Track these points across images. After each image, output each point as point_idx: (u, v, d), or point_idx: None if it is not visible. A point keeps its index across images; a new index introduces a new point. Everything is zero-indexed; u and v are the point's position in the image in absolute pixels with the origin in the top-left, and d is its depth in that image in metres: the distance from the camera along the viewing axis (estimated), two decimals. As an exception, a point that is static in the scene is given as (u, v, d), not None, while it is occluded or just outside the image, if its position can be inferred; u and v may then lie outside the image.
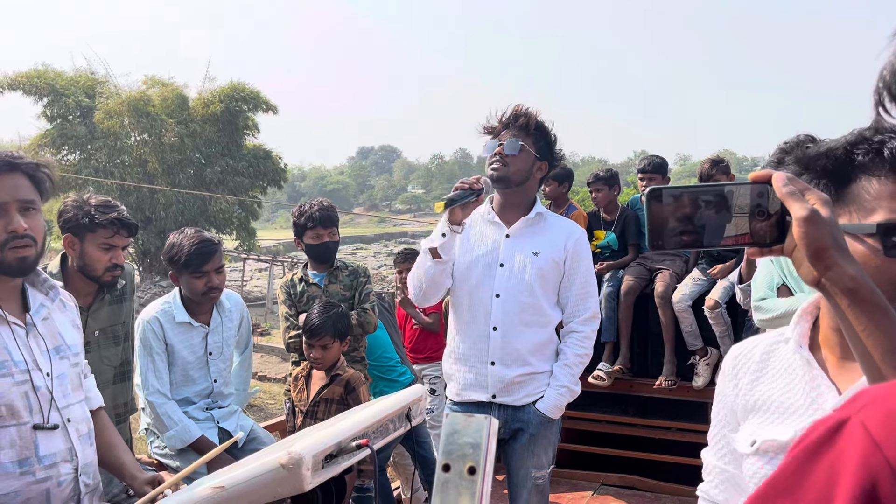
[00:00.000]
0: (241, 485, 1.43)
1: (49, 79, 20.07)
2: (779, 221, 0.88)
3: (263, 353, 14.89)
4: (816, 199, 0.84)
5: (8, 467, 1.69)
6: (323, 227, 3.65)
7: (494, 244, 2.75)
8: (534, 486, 2.75)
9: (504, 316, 2.69)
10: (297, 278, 3.71)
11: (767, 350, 1.25)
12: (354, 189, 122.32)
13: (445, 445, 0.94)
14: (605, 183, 5.11)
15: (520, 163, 2.68)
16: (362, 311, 3.64)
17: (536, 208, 2.79)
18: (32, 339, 1.79)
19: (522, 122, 2.69)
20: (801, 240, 0.83)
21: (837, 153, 1.06)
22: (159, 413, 3.04)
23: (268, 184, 22.43)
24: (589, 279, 2.80)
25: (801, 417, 1.14)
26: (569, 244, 2.75)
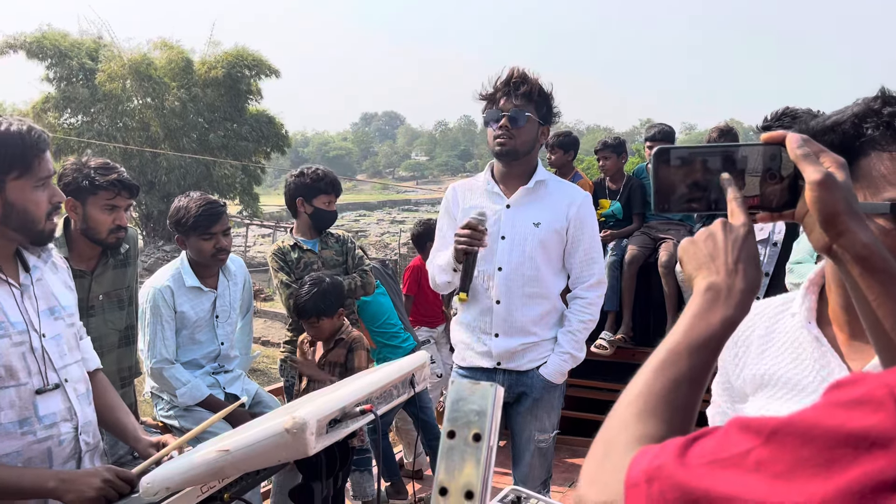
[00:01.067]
0: (245, 448, 1.43)
1: (53, 40, 19.88)
2: (791, 185, 0.85)
3: (267, 318, 14.97)
4: (832, 162, 0.81)
5: (9, 427, 1.71)
6: (335, 194, 3.68)
7: (496, 215, 2.72)
8: (536, 448, 2.78)
9: (507, 289, 2.69)
10: (289, 245, 3.68)
11: (771, 320, 1.22)
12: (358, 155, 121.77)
13: (451, 412, 0.94)
14: (614, 150, 5.07)
15: (525, 133, 2.64)
16: (364, 273, 3.67)
17: (537, 176, 2.74)
18: (28, 301, 1.79)
19: (524, 90, 2.62)
20: (813, 204, 0.80)
21: (845, 127, 1.02)
22: (167, 377, 3.06)
23: (271, 149, 22.33)
24: (593, 245, 2.77)
25: (812, 395, 1.12)
26: (571, 212, 2.71)
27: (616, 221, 5.01)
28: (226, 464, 1.45)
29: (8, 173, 1.68)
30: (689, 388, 0.75)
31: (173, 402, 3.15)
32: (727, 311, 0.79)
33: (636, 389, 0.77)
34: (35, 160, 1.71)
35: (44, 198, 1.75)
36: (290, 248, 3.67)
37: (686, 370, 0.76)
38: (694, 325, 0.79)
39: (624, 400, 0.77)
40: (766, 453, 0.53)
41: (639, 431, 0.72)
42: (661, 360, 0.78)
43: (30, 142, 1.70)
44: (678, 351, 0.77)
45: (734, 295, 0.80)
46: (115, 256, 2.84)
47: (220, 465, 1.45)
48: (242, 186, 22.02)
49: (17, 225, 1.74)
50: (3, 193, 1.69)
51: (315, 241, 3.70)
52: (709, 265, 0.83)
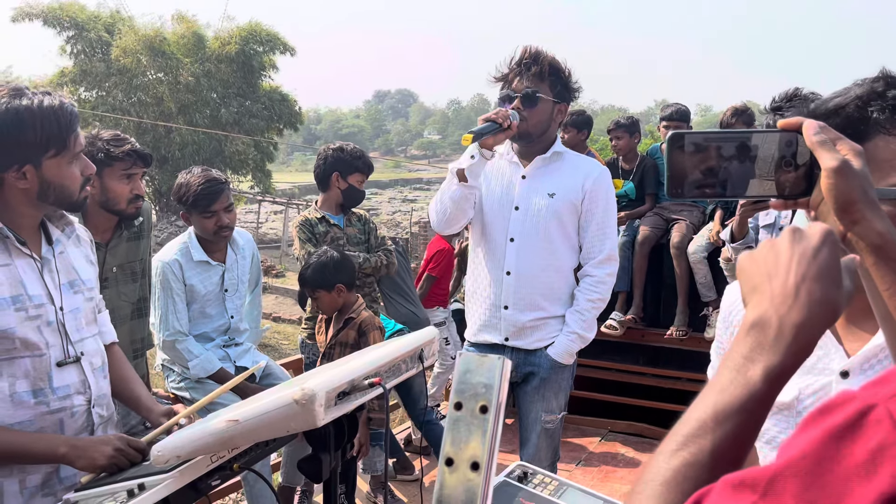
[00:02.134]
0: (254, 419, 1.45)
1: (71, 12, 19.86)
2: (806, 173, 0.83)
3: (278, 294, 15.05)
4: (849, 149, 0.79)
5: (23, 396, 1.73)
6: (366, 176, 3.74)
7: (510, 185, 2.70)
8: (543, 429, 2.77)
9: (518, 261, 2.66)
10: (317, 218, 3.68)
11: None
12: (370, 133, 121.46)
13: (458, 384, 0.94)
14: (626, 130, 5.04)
15: (539, 114, 2.61)
16: (388, 253, 3.71)
17: (554, 147, 2.71)
18: (48, 274, 1.80)
19: (536, 70, 2.58)
20: (828, 192, 0.78)
21: (849, 110, 1.01)
22: (180, 349, 3.09)
23: (284, 126, 22.30)
24: (607, 220, 2.73)
25: (806, 377, 1.13)
26: (587, 184, 2.68)
27: (629, 201, 4.98)
28: (235, 433, 1.46)
29: (45, 152, 1.69)
30: (710, 471, 0.60)
31: (184, 374, 3.18)
32: (773, 359, 0.62)
33: (660, 470, 0.63)
34: (70, 137, 1.73)
35: (77, 171, 1.77)
36: (317, 220, 3.67)
37: (708, 447, 0.61)
38: (730, 380, 0.63)
39: (647, 480, 0.63)
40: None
41: None
42: (687, 431, 0.62)
43: (64, 120, 1.71)
44: (703, 420, 0.62)
45: (786, 333, 0.63)
46: (129, 229, 2.86)
47: (229, 435, 1.46)
48: (255, 163, 22.03)
49: (55, 200, 1.77)
50: (39, 171, 1.70)
51: (341, 216, 3.72)
52: (763, 288, 0.67)
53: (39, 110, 1.67)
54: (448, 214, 2.62)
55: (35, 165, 1.69)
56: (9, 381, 1.71)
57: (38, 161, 1.69)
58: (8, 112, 1.64)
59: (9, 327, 1.68)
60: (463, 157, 2.55)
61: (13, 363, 1.71)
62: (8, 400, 1.71)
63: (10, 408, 1.71)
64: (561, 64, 2.65)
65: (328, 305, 3.21)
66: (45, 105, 1.68)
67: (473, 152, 2.50)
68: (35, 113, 1.66)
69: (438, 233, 2.79)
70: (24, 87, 1.74)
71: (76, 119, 1.76)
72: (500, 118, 2.45)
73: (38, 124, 1.66)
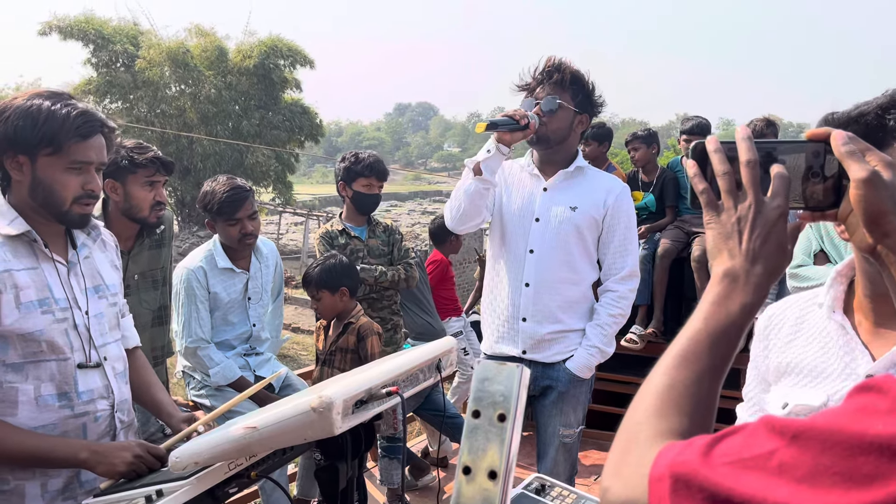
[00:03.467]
0: (272, 426, 1.45)
1: (97, 25, 20.20)
2: (835, 184, 0.81)
3: (298, 305, 15.10)
4: (878, 160, 0.78)
5: (48, 399, 1.75)
6: (377, 179, 3.68)
7: (531, 197, 2.70)
8: (561, 444, 2.74)
9: (537, 272, 2.65)
10: (339, 230, 3.70)
11: (801, 312, 1.24)
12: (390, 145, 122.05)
13: (476, 392, 0.94)
14: (643, 141, 5.03)
15: (559, 121, 2.61)
16: (408, 266, 3.69)
17: (577, 162, 2.71)
18: (73, 278, 1.83)
19: (557, 78, 2.59)
20: (857, 203, 0.77)
21: (868, 118, 1.02)
22: (201, 356, 3.12)
23: (305, 138, 22.47)
24: (629, 237, 2.72)
25: (834, 382, 1.13)
26: (609, 200, 2.67)
27: (649, 214, 4.96)
28: (253, 441, 1.47)
29: (39, 147, 1.71)
30: (710, 380, 0.75)
31: (204, 382, 3.20)
32: (745, 298, 0.77)
33: (657, 381, 0.76)
34: (70, 143, 1.72)
35: (75, 182, 1.75)
36: (338, 232, 3.69)
37: (707, 363, 0.75)
38: (712, 313, 0.78)
39: (645, 392, 0.77)
40: (789, 456, 0.52)
41: (661, 426, 0.72)
42: (682, 351, 0.77)
43: (71, 125, 1.71)
44: (699, 340, 0.76)
45: (752, 280, 0.78)
46: (150, 237, 2.89)
47: (247, 442, 1.47)
48: (276, 174, 22.20)
49: (42, 201, 1.75)
50: (34, 166, 1.72)
51: (363, 228, 3.72)
52: (730, 248, 0.80)
53: (48, 111, 1.70)
54: (462, 210, 2.60)
55: (30, 159, 1.72)
56: (34, 383, 1.73)
57: (33, 155, 1.71)
58: (24, 106, 1.70)
59: (36, 329, 1.71)
60: (480, 152, 2.56)
61: (39, 366, 1.73)
62: (33, 403, 1.73)
63: (35, 411, 1.73)
64: (584, 75, 2.65)
65: (329, 308, 3.21)
66: (56, 108, 1.71)
67: (490, 146, 2.51)
68: (42, 111, 1.70)
69: (452, 229, 2.75)
70: (61, 92, 1.78)
71: (89, 130, 1.74)
72: (518, 116, 2.46)
73: (40, 120, 1.69)
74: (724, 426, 0.76)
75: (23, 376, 1.72)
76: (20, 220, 1.75)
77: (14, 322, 1.68)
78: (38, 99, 1.72)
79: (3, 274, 1.68)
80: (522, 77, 2.67)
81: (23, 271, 1.72)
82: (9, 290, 1.68)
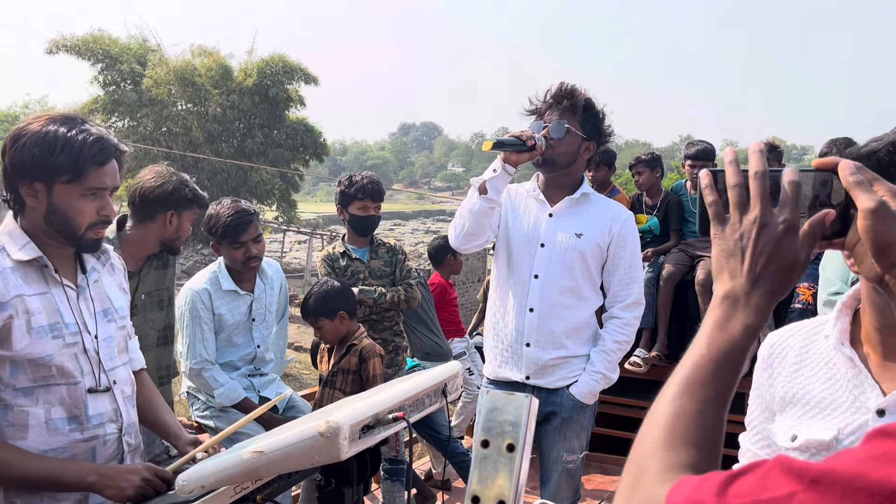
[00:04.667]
0: (279, 450, 1.46)
1: (104, 44, 20.39)
2: (842, 213, 0.82)
3: (301, 324, 15.08)
4: (886, 190, 0.78)
5: (58, 423, 1.75)
6: (372, 200, 3.66)
7: (536, 222, 2.70)
8: (564, 469, 2.72)
9: (541, 298, 2.65)
10: (340, 252, 3.71)
11: (806, 341, 1.22)
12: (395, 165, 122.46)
13: (485, 422, 0.94)
14: (647, 165, 5.04)
15: (566, 145, 2.61)
16: (409, 287, 3.68)
17: (582, 189, 2.71)
18: (83, 302, 1.84)
19: (568, 104, 2.60)
20: (865, 233, 0.77)
21: (880, 154, 1.02)
22: (206, 377, 3.12)
23: (309, 157, 22.57)
24: (634, 264, 2.72)
25: (844, 415, 1.12)
26: (614, 228, 2.67)
27: (653, 237, 4.97)
28: (260, 465, 1.47)
29: (56, 175, 1.72)
30: (716, 406, 0.74)
31: (209, 403, 3.20)
32: (747, 320, 0.77)
33: (664, 411, 0.75)
34: (89, 170, 1.73)
35: (90, 207, 1.76)
36: (339, 255, 3.71)
37: (713, 389, 0.74)
38: (714, 337, 0.77)
39: (652, 422, 0.76)
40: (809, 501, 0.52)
41: (671, 459, 0.70)
42: (687, 378, 0.76)
43: (88, 152, 1.72)
44: (702, 366, 0.76)
45: (752, 302, 0.77)
46: (158, 258, 2.91)
47: (254, 466, 1.47)
48: (280, 193, 22.28)
49: (57, 227, 1.76)
50: (50, 193, 1.73)
51: (365, 249, 3.73)
52: (732, 267, 0.79)
53: (64, 137, 1.71)
54: (467, 228, 2.60)
55: (47, 186, 1.72)
56: (44, 407, 1.74)
57: (49, 182, 1.72)
58: (39, 133, 1.71)
59: (46, 354, 1.72)
60: (486, 171, 2.57)
61: (49, 390, 1.74)
62: (43, 427, 1.74)
63: (45, 434, 1.74)
64: (595, 104, 2.66)
65: (331, 333, 3.21)
66: (73, 134, 1.72)
67: (496, 166, 2.52)
68: (59, 139, 1.70)
69: (456, 248, 2.75)
70: (74, 116, 1.79)
71: (104, 156, 1.76)
72: (525, 136, 2.47)
73: (57, 148, 1.70)
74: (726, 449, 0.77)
75: (33, 400, 1.73)
76: (31, 245, 1.76)
77: (25, 347, 1.69)
78: (54, 125, 1.73)
79: (14, 299, 1.69)
80: (533, 101, 2.68)
81: (34, 296, 1.73)
82: (20, 316, 1.70)
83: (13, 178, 1.74)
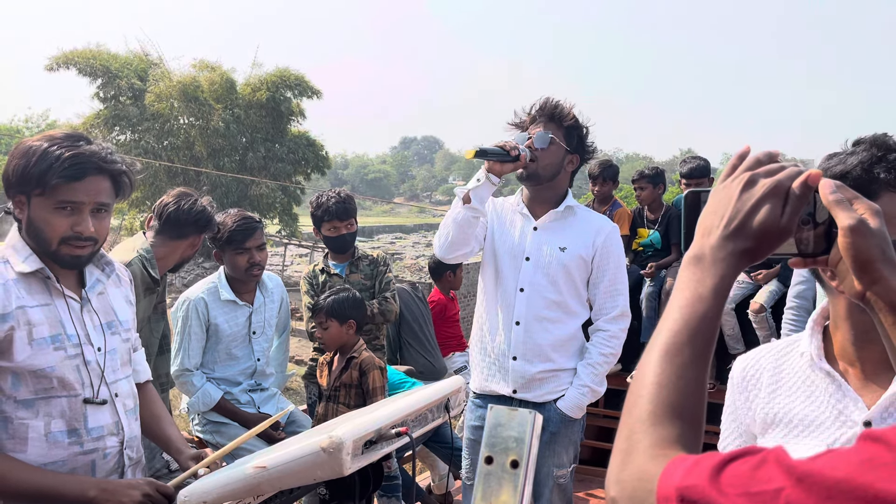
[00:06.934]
0: (281, 466, 1.46)
1: (104, 60, 20.49)
2: (826, 231, 0.83)
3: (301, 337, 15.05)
4: (866, 208, 0.80)
5: (57, 436, 1.75)
6: (339, 220, 3.63)
7: (522, 236, 2.71)
8: (556, 484, 2.71)
9: (527, 311, 2.65)
10: (319, 269, 3.74)
11: (778, 361, 1.25)
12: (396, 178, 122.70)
13: (489, 438, 0.94)
14: (650, 181, 5.04)
15: (550, 157, 2.62)
16: (383, 300, 3.64)
17: (566, 202, 2.72)
18: (86, 314, 1.84)
19: (552, 117, 2.62)
20: (846, 251, 0.78)
21: (856, 173, 1.09)
22: (184, 383, 3.14)
23: (311, 170, 22.62)
24: (618, 276, 2.72)
25: (829, 431, 1.14)
26: (598, 240, 2.68)
27: (655, 251, 4.97)
28: (262, 480, 1.47)
29: (30, 187, 1.73)
30: (694, 370, 0.75)
31: (207, 418, 3.19)
32: (714, 279, 0.77)
33: (647, 382, 0.76)
34: (58, 184, 1.70)
35: (62, 223, 1.73)
36: (319, 271, 3.74)
37: (689, 353, 0.75)
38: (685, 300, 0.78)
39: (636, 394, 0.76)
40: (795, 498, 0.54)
41: (658, 433, 0.71)
42: (664, 345, 0.76)
43: (59, 166, 1.69)
44: (677, 331, 0.76)
45: (720, 258, 0.78)
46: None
47: (256, 482, 1.47)
48: (282, 206, 22.32)
49: (34, 240, 1.77)
50: (29, 206, 1.75)
51: (344, 265, 3.73)
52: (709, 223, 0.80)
53: (42, 152, 1.71)
54: (450, 238, 2.60)
55: (27, 198, 1.74)
56: (45, 420, 1.74)
57: (28, 195, 1.74)
58: (27, 147, 1.74)
59: (48, 366, 1.72)
60: (470, 181, 2.58)
61: (49, 402, 1.74)
62: (43, 440, 1.73)
63: (45, 447, 1.74)
64: (578, 118, 2.68)
65: (334, 338, 3.21)
66: (52, 149, 1.71)
67: (480, 176, 2.53)
68: (37, 152, 1.71)
69: (440, 258, 2.75)
70: (75, 134, 1.79)
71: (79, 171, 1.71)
72: (509, 146, 2.48)
73: (32, 161, 1.70)
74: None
75: (33, 412, 1.73)
76: (34, 257, 1.76)
77: (26, 359, 1.70)
78: (44, 141, 1.74)
79: (16, 311, 1.70)
80: (518, 115, 2.70)
81: (36, 308, 1.74)
82: (22, 327, 1.70)
83: (7, 191, 1.77)
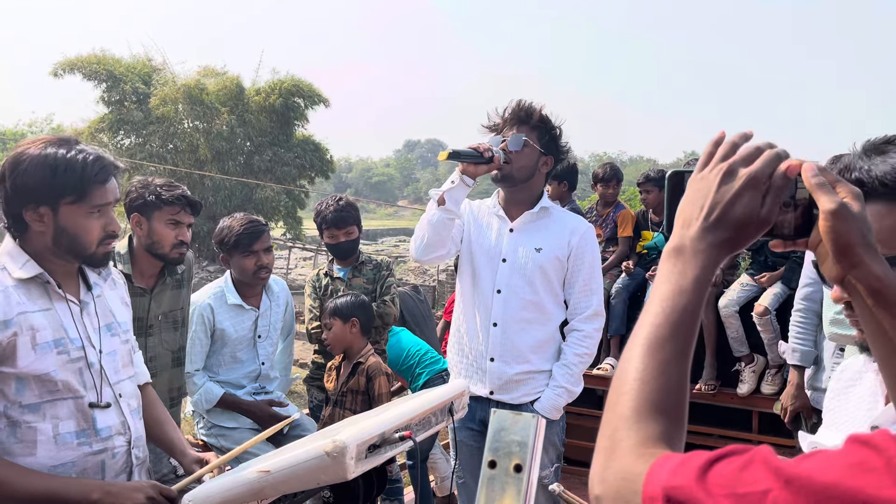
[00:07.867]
0: (285, 470, 1.46)
1: (108, 65, 20.54)
2: (805, 213, 0.82)
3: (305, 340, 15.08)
4: (847, 192, 0.79)
5: (66, 438, 1.76)
6: (337, 228, 3.63)
7: (498, 238, 2.73)
8: (541, 486, 2.72)
9: (504, 312, 2.66)
10: (322, 273, 3.77)
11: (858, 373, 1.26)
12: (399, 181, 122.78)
13: (492, 442, 0.94)
14: (656, 184, 5.02)
15: (524, 159, 2.63)
16: (381, 304, 3.66)
17: (542, 203, 2.74)
18: (87, 317, 1.85)
19: (525, 119, 2.64)
20: (826, 234, 0.78)
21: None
22: (187, 382, 3.12)
23: (315, 174, 22.65)
24: (593, 276, 2.73)
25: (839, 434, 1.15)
26: (573, 240, 2.69)
27: (658, 254, 4.96)
28: (266, 485, 1.47)
29: (62, 197, 1.73)
30: (676, 366, 0.75)
31: (212, 422, 3.19)
32: (695, 271, 0.77)
33: (629, 378, 0.75)
34: (93, 189, 1.75)
35: (97, 225, 1.79)
36: (322, 275, 3.76)
37: (671, 349, 0.75)
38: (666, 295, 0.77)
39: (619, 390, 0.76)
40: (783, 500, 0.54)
41: (642, 431, 0.71)
42: (646, 339, 0.76)
43: (90, 172, 1.74)
44: (658, 325, 0.76)
45: (700, 249, 0.78)
46: (172, 276, 2.90)
47: (260, 486, 1.47)
48: (286, 209, 22.34)
49: (66, 248, 1.78)
50: (56, 215, 1.74)
51: (347, 269, 3.74)
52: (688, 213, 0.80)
53: (65, 159, 1.72)
54: (426, 240, 2.62)
55: (52, 209, 1.74)
56: (52, 422, 1.74)
57: (55, 205, 1.73)
58: (40, 156, 1.72)
59: (51, 370, 1.73)
60: (445, 183, 2.60)
61: (56, 405, 1.75)
62: (52, 442, 1.74)
63: (54, 450, 1.74)
64: (551, 119, 2.69)
65: (337, 338, 3.22)
66: (72, 155, 1.74)
67: (454, 177, 2.55)
68: (59, 160, 1.72)
69: (416, 260, 2.77)
70: (71, 138, 1.81)
71: (105, 174, 1.78)
72: (482, 148, 2.50)
73: (59, 170, 1.71)
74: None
75: (40, 416, 1.73)
76: (32, 262, 1.77)
77: (30, 364, 1.70)
78: (52, 147, 1.75)
79: (18, 317, 1.70)
80: (491, 118, 2.71)
81: (38, 313, 1.74)
82: (25, 333, 1.71)
83: (15, 203, 1.74)
